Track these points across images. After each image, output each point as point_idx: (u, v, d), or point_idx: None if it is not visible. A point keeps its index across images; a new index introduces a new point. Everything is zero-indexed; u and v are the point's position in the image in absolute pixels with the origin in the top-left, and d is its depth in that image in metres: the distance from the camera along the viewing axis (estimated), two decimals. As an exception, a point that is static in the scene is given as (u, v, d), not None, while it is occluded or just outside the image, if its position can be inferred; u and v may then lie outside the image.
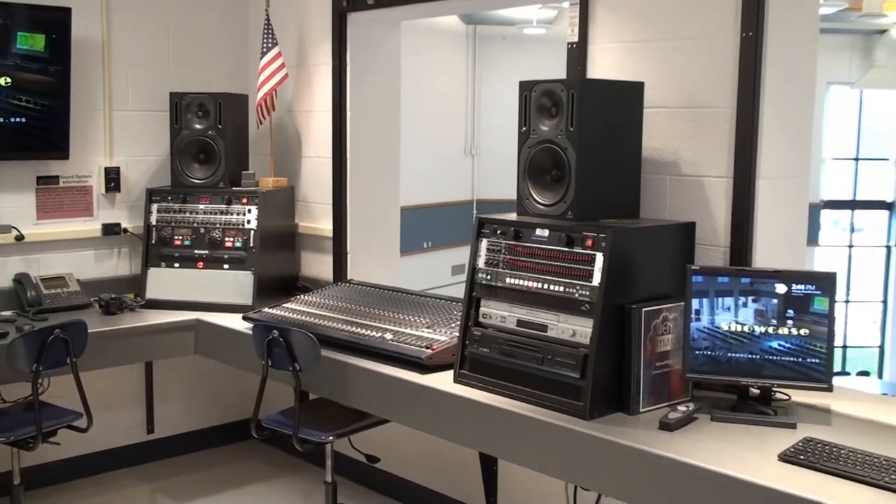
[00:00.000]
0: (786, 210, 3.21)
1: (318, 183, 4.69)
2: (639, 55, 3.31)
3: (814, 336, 2.73)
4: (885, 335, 17.18)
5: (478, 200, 13.14)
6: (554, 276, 2.91)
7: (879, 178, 17.08)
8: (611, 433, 2.62)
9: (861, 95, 16.70)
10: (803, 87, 3.26)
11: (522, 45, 12.55)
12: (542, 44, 11.44)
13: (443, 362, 3.23)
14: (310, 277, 4.70)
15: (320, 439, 3.51)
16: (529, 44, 12.41)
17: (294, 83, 4.75)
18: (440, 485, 4.23)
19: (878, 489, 2.20)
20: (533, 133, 3.06)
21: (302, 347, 3.41)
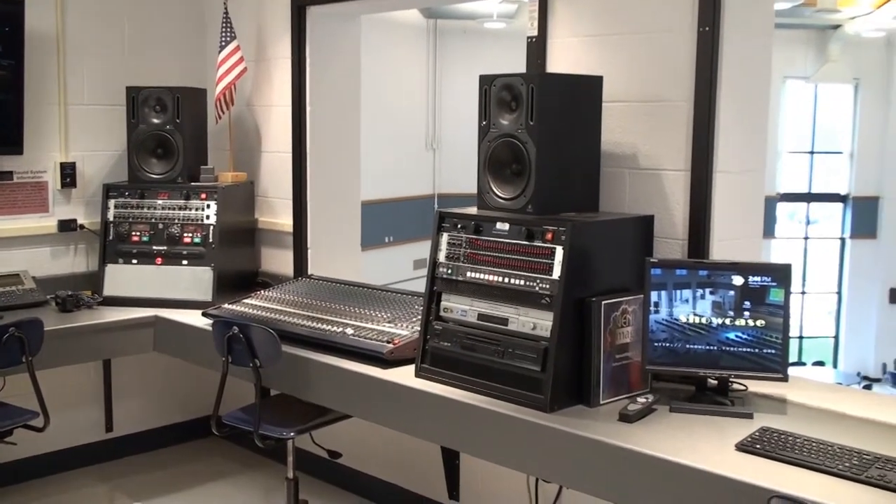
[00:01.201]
0: (742, 203, 3.25)
1: (277, 178, 4.66)
2: (598, 49, 3.33)
3: (770, 327, 2.77)
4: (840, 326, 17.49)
5: (439, 195, 13.15)
6: (514, 270, 2.92)
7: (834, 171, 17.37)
8: (571, 425, 2.64)
9: (816, 90, 16.98)
10: (759, 82, 3.30)
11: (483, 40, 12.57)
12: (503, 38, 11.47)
13: (404, 357, 3.23)
14: (270, 273, 4.68)
15: (281, 435, 3.49)
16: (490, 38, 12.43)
17: (253, 77, 4.71)
18: (402, 479, 4.24)
19: (833, 476, 2.24)
20: (493, 127, 3.07)
21: (262, 343, 3.39)
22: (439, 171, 13.20)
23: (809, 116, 17.15)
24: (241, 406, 3.65)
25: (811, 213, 17.64)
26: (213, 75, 4.56)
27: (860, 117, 16.73)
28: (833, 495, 2.12)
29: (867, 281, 16.77)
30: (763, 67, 3.31)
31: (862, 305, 16.94)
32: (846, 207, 17.01)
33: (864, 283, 16.81)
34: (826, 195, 17.26)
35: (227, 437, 4.49)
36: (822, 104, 17.10)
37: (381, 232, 11.68)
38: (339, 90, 4.65)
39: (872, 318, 16.83)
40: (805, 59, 16.02)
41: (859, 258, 16.93)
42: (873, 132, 16.53)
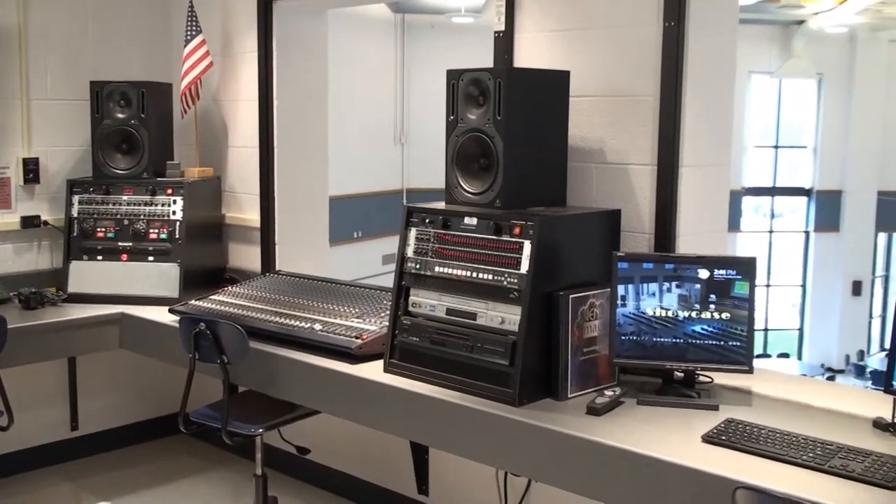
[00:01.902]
0: (708, 197, 3.27)
1: (244, 173, 4.63)
2: (564, 44, 3.34)
3: (735, 320, 2.80)
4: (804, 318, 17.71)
5: (408, 189, 13.15)
6: (482, 265, 2.92)
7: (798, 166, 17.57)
8: (539, 419, 2.65)
9: (780, 85, 17.15)
10: (724, 77, 3.33)
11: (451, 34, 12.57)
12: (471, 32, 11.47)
13: (373, 352, 3.22)
14: (237, 269, 4.65)
15: (250, 432, 3.47)
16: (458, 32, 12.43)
17: (219, 72, 4.68)
18: (371, 474, 4.23)
19: (797, 467, 2.27)
20: (461, 122, 3.07)
21: (230, 340, 3.37)
22: (408, 166, 13.20)
23: (774, 111, 17.35)
24: (209, 403, 3.63)
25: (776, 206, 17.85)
26: (179, 70, 4.52)
27: (823, 112, 16.94)
28: (797, 485, 2.14)
29: (831, 274, 17.00)
30: (728, 62, 3.34)
31: (826, 298, 17.17)
32: (810, 201, 17.22)
33: (828, 276, 17.04)
34: (790, 189, 17.47)
35: (194, 435, 4.46)
36: (787, 99, 17.30)
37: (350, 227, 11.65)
38: (307, 85, 4.63)
39: (836, 311, 17.06)
40: (769, 55, 16.19)
41: (823, 251, 17.16)
42: (836, 127, 16.75)
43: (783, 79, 16.73)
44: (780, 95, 17.22)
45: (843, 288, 16.94)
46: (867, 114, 16.50)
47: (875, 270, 17.62)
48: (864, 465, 2.22)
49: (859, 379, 15.59)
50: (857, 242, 16.93)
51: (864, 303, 17.25)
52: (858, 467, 2.21)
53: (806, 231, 17.41)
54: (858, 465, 2.22)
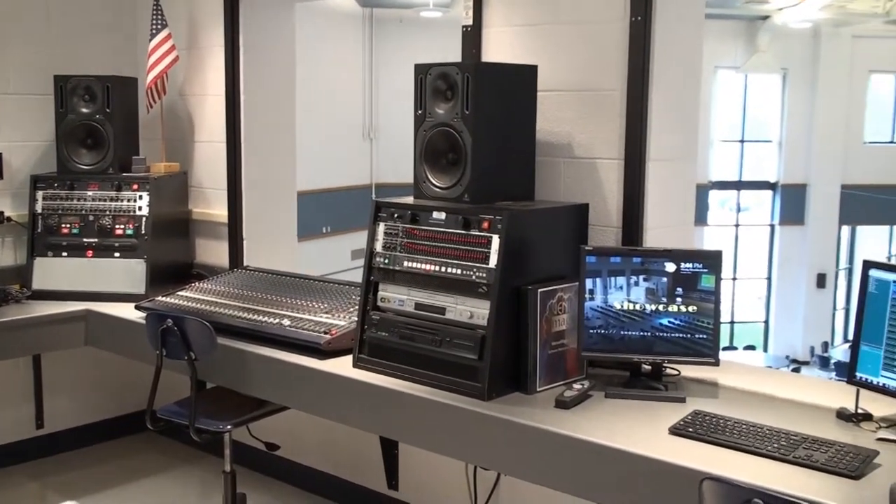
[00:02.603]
0: (675, 191, 3.30)
1: (211, 168, 4.60)
2: (532, 39, 3.35)
3: (701, 312, 2.82)
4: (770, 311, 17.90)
5: (377, 184, 13.13)
6: (451, 259, 2.92)
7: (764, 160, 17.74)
8: (508, 413, 2.66)
9: (746, 80, 17.31)
10: (690, 71, 3.35)
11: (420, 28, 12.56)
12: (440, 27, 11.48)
13: (342, 347, 3.21)
14: (205, 264, 4.62)
15: (218, 429, 3.45)
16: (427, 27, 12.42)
17: (185, 66, 4.64)
18: (341, 470, 4.23)
19: (762, 457, 2.30)
20: (429, 116, 3.06)
21: (197, 336, 3.35)
22: (377, 161, 13.18)
23: (740, 106, 17.51)
24: (177, 400, 3.60)
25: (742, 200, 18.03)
26: (145, 64, 4.47)
27: (788, 107, 17.13)
28: (762, 476, 2.17)
29: (795, 267, 17.21)
30: (694, 57, 3.36)
31: (791, 291, 17.38)
32: (775, 195, 17.42)
33: (793, 269, 17.25)
34: (756, 183, 17.65)
35: (162, 432, 4.42)
36: (752, 94, 17.47)
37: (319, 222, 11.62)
38: (274, 79, 4.60)
39: (801, 303, 17.27)
40: (735, 50, 16.34)
41: (788, 244, 17.36)
42: (800, 121, 16.93)
43: (748, 74, 16.90)
44: (745, 90, 17.39)
45: (808, 280, 17.16)
46: (831, 108, 16.71)
47: (839, 263, 17.86)
48: (827, 455, 2.25)
49: (824, 370, 15.80)
50: (821, 235, 17.15)
51: (829, 295, 17.49)
52: (822, 457, 2.24)
53: (771, 224, 17.61)
54: (822, 456, 2.25)
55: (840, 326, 17.64)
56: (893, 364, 2.46)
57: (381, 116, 13.02)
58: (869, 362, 2.51)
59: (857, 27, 16.50)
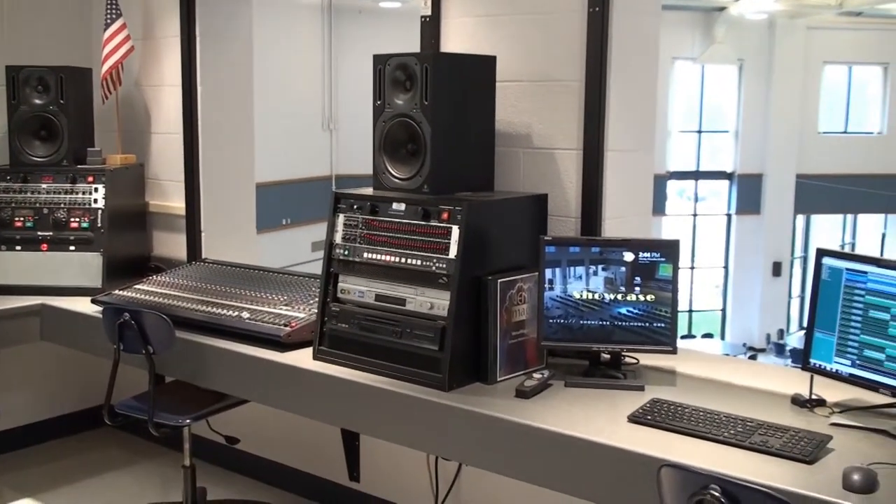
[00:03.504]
0: (633, 181, 3.33)
1: (168, 159, 4.54)
2: (490, 29, 3.35)
3: (659, 301, 2.85)
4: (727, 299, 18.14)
5: (337, 175, 13.07)
6: (411, 250, 2.92)
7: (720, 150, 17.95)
8: (469, 403, 2.67)
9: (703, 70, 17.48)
10: (648, 62, 3.38)
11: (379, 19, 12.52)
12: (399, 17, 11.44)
13: (302, 339, 3.20)
14: (163, 257, 4.57)
15: (177, 423, 3.43)
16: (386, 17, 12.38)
17: (141, 56, 4.58)
18: (302, 463, 4.22)
19: (719, 444, 2.33)
20: (388, 107, 3.06)
21: (155, 329, 3.32)
22: (337, 152, 13.12)
23: (697, 96, 17.69)
24: (135, 394, 3.57)
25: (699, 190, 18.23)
26: (99, 54, 4.41)
27: (744, 97, 17.34)
28: (719, 462, 2.20)
29: (752, 255, 17.45)
30: (651, 48, 3.39)
31: (747, 279, 17.63)
32: (732, 185, 17.64)
33: (749, 258, 17.49)
34: (713, 173, 17.86)
35: (120, 427, 4.36)
36: (709, 84, 17.66)
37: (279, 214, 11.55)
38: (232, 69, 4.56)
39: (757, 291, 17.53)
40: (692, 41, 16.50)
41: (744, 234, 17.60)
42: (756, 112, 17.15)
43: (705, 64, 17.07)
44: (702, 81, 17.57)
45: (764, 269, 17.42)
46: (786, 99, 16.95)
47: (794, 252, 18.14)
48: (782, 440, 2.29)
49: (779, 357, 16.06)
50: (776, 225, 17.41)
51: (784, 283, 17.77)
52: (777, 443, 2.28)
53: (728, 214, 17.84)
54: (777, 441, 2.29)
55: (796, 314, 17.93)
56: (846, 350, 2.50)
57: (341, 107, 12.96)
58: (822, 349, 2.56)
59: (812, 18, 16.75)
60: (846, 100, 18.22)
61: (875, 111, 18.08)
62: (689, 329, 17.64)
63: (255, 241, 4.93)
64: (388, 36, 7.82)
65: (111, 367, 3.45)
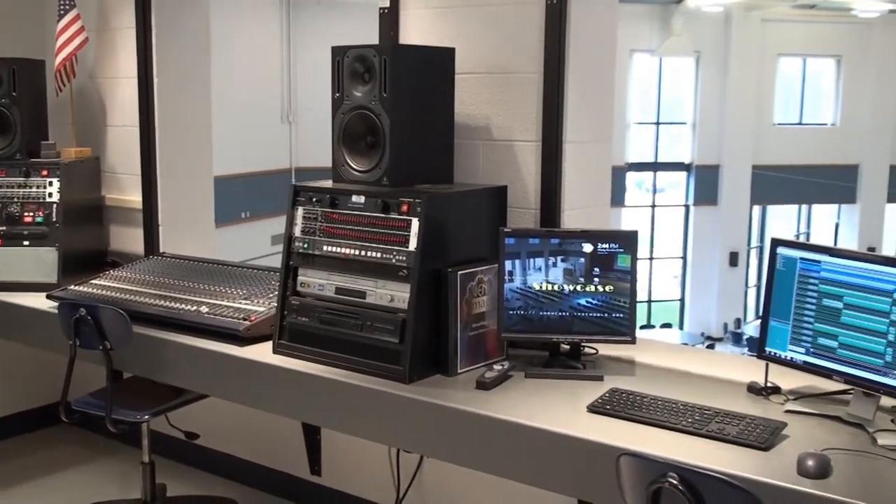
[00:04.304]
0: (591, 172, 3.35)
1: (125, 153, 4.48)
2: (449, 21, 3.35)
3: (618, 292, 2.88)
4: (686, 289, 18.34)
5: (296, 168, 13.00)
6: (371, 243, 2.92)
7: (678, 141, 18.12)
8: (430, 395, 2.67)
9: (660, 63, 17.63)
10: (605, 54, 3.40)
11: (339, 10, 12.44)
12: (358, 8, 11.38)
13: (261, 333, 3.18)
14: (119, 252, 4.51)
15: (135, 419, 3.40)
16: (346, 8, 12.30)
17: (96, 48, 4.51)
18: (263, 457, 4.20)
19: (676, 432, 2.35)
20: (346, 99, 3.05)
21: (112, 325, 3.28)
22: (296, 145, 13.04)
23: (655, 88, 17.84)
24: (92, 390, 3.53)
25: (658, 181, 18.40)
26: (53, 46, 4.33)
27: (701, 89, 17.51)
28: (676, 450, 2.22)
29: (709, 246, 17.66)
30: (609, 40, 3.41)
31: (705, 269, 17.84)
32: (689, 176, 17.82)
33: (707, 248, 17.70)
34: (671, 164, 18.03)
35: (77, 424, 4.32)
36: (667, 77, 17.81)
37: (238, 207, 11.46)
38: (189, 61, 4.51)
39: (714, 281, 17.75)
40: (650, 33, 16.62)
41: (702, 224, 17.80)
42: (713, 103, 17.34)
43: (663, 57, 17.21)
44: (660, 73, 17.71)
45: (721, 259, 17.64)
46: (742, 91, 17.16)
47: (750, 242, 18.40)
48: (738, 428, 2.32)
49: (737, 346, 16.29)
50: (733, 215, 17.64)
51: (741, 273, 18.01)
52: (734, 430, 2.31)
53: (686, 205, 18.03)
54: (734, 429, 2.32)
55: (752, 303, 18.19)
56: (800, 339, 2.54)
57: (300, 99, 12.88)
58: (777, 337, 2.60)
59: (767, 11, 16.96)
60: (800, 92, 18.48)
61: (828, 103, 18.37)
62: (649, 319, 17.82)
63: (214, 234, 4.89)
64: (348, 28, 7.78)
65: (67, 364, 3.41)
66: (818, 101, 18.52)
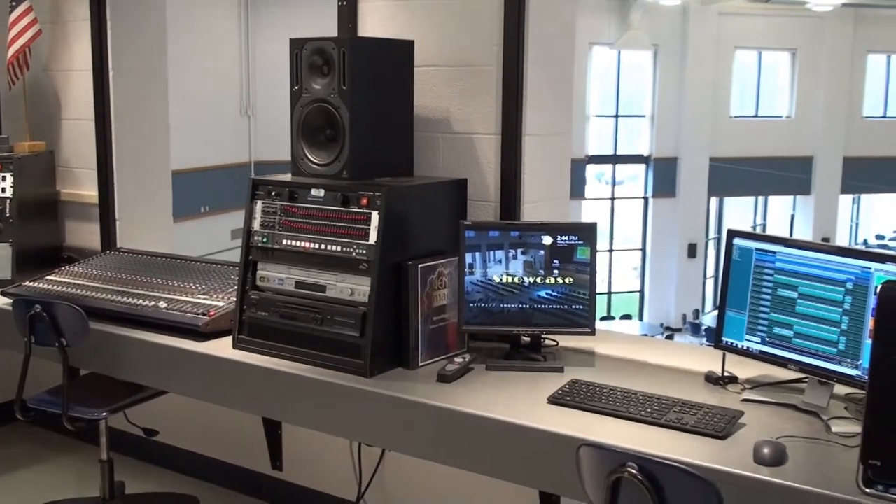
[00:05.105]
0: (551, 165, 3.36)
1: (80, 146, 4.42)
2: (408, 13, 3.34)
3: (578, 284, 2.90)
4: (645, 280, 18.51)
5: (256, 162, 12.89)
6: (331, 237, 2.91)
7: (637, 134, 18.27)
8: (391, 388, 2.67)
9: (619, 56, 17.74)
10: (564, 47, 3.41)
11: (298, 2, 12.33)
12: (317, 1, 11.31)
13: (221, 328, 3.16)
14: (76, 247, 4.45)
15: (93, 416, 3.35)
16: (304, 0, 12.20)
17: (49, 40, 4.44)
18: (224, 453, 4.17)
19: (636, 422, 2.38)
20: (305, 92, 3.03)
21: (68, 321, 3.24)
22: (256, 139, 12.93)
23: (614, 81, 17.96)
24: (48, 388, 3.48)
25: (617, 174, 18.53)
26: (4, 38, 4.26)
27: (659, 82, 17.66)
28: (635, 440, 2.25)
29: (668, 237, 17.84)
30: (568, 33, 3.42)
31: (663, 261, 18.02)
32: (648, 168, 17.97)
33: (665, 240, 17.87)
34: (630, 157, 18.17)
35: (33, 422, 4.25)
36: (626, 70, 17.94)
37: (197, 202, 11.35)
38: (145, 53, 4.45)
39: (673, 273, 17.93)
40: (609, 27, 16.72)
41: (661, 216, 17.96)
42: (671, 96, 17.49)
43: (622, 50, 17.33)
44: (619, 66, 17.83)
45: (679, 250, 17.83)
46: (699, 83, 17.33)
47: (708, 233, 18.61)
48: (696, 417, 2.35)
49: (695, 336, 16.47)
50: (691, 207, 17.83)
51: (699, 264, 18.22)
52: (692, 420, 2.34)
53: (645, 197, 18.18)
54: (692, 418, 2.35)
55: (710, 294, 18.41)
56: (756, 328, 2.58)
57: (259, 93, 12.77)
58: (734, 327, 2.63)
59: (723, 5, 17.15)
60: (756, 84, 18.72)
61: (784, 96, 18.63)
62: (609, 311, 17.97)
63: (172, 229, 4.84)
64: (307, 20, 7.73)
65: (23, 361, 3.36)
66: (774, 94, 18.77)
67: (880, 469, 1.94)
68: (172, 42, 4.67)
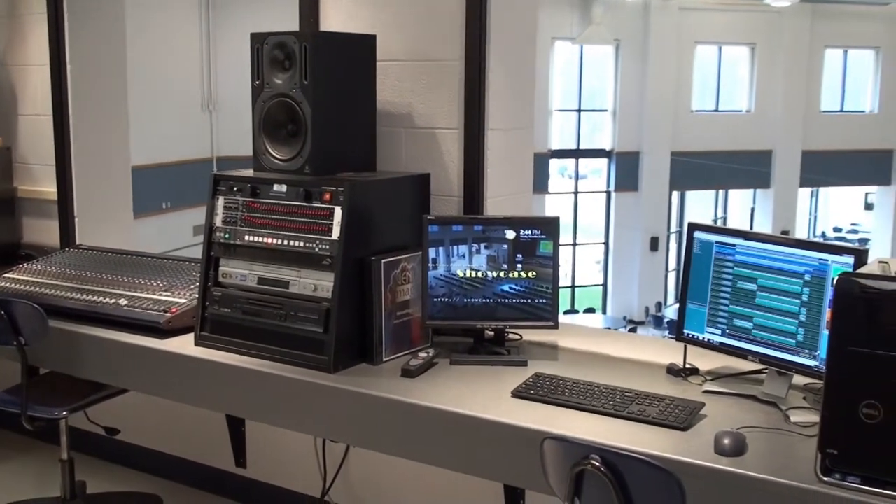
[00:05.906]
0: (513, 159, 3.37)
1: (38, 142, 4.36)
2: (370, 8, 3.33)
3: (541, 278, 2.91)
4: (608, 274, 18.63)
5: (219, 158, 12.79)
6: (293, 232, 2.89)
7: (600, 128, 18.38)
8: (355, 384, 2.67)
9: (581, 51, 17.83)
10: (526, 42, 3.42)
11: (258, -4, 12.23)
12: (278, -5, 11.23)
13: (183, 325, 3.13)
14: (34, 244, 4.39)
15: (53, 415, 3.31)
16: (265, -5, 12.10)
17: (6, 35, 4.37)
18: (187, 451, 4.14)
19: (599, 415, 2.40)
20: (267, 87, 3.01)
21: (26, 319, 3.19)
22: (217, 134, 12.83)
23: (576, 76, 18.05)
24: (7, 387, 3.43)
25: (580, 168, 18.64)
26: (-43, 31, 4.19)
27: (621, 77, 17.77)
28: (598, 432, 2.27)
29: (630, 231, 17.98)
30: (529, 28, 3.43)
31: (626, 254, 18.15)
32: (611, 162, 18.09)
33: (628, 234, 18.01)
34: (593, 151, 18.27)
35: (-9, 422, 4.21)
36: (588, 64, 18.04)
37: (158, 198, 11.23)
38: (103, 48, 4.39)
39: (636, 266, 18.08)
40: (571, 22, 16.79)
41: (623, 210, 18.09)
42: (632, 91, 17.61)
43: (584, 45, 17.41)
44: (581, 61, 17.92)
45: (642, 244, 17.97)
46: (660, 78, 17.47)
47: (670, 227, 18.78)
48: (658, 409, 2.37)
49: (658, 329, 16.63)
50: (653, 201, 17.98)
51: (661, 258, 18.38)
52: (654, 412, 2.36)
53: (608, 191, 18.30)
54: (654, 410, 2.37)
55: (672, 287, 18.59)
56: (717, 321, 2.61)
57: (221, 87, 12.66)
58: (695, 320, 2.66)
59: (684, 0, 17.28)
60: (717, 79, 18.91)
61: (743, 90, 18.84)
62: (572, 304, 18.07)
63: (133, 225, 4.78)
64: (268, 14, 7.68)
65: (-20, 361, 3.31)
66: (734, 88, 18.98)
67: (837, 458, 1.98)
68: (132, 36, 4.62)
